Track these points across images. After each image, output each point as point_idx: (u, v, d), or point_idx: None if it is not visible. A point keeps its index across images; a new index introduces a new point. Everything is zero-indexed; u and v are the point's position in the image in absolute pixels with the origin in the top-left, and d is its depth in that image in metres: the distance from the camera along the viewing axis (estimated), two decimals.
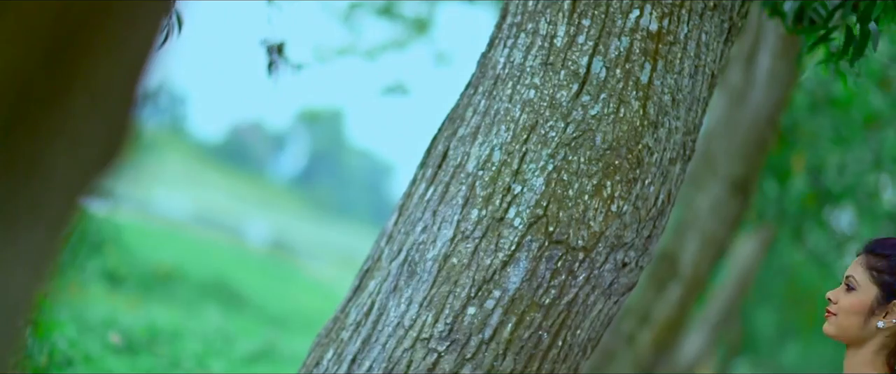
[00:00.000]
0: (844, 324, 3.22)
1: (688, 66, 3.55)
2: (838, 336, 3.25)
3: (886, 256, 3.22)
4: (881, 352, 3.23)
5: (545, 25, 3.54)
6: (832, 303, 3.25)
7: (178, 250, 18.37)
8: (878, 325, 3.21)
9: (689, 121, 3.61)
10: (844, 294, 3.23)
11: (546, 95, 3.50)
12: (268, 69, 4.93)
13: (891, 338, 3.22)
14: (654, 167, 3.52)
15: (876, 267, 3.22)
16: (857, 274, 3.24)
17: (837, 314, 3.22)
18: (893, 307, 3.21)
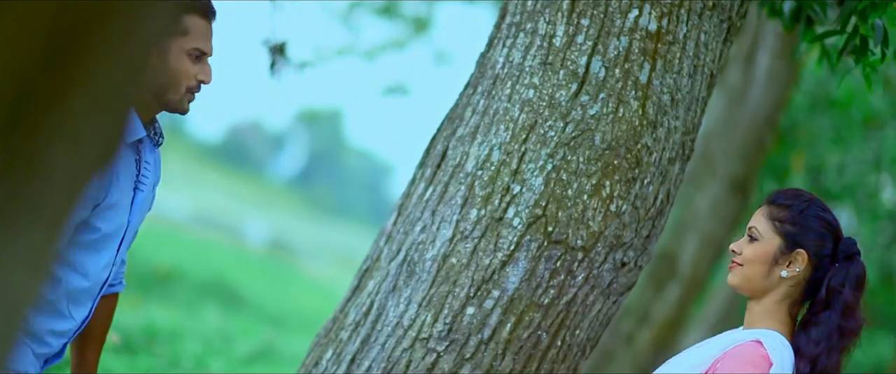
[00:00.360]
0: (749, 274, 3.22)
1: (687, 65, 3.55)
2: (742, 287, 3.24)
3: (788, 206, 3.24)
4: (784, 302, 3.24)
5: (544, 25, 3.54)
6: (736, 254, 3.25)
7: (177, 250, 18.37)
8: (782, 274, 3.22)
9: (687, 120, 3.61)
10: (748, 245, 3.24)
11: (545, 94, 3.50)
12: (270, 69, 4.94)
13: (794, 288, 3.22)
14: (653, 167, 3.52)
15: (778, 217, 3.23)
16: (759, 225, 3.24)
17: (743, 265, 3.23)
18: (796, 257, 3.22)
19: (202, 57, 3.21)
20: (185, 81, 3.20)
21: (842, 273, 3.23)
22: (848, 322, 3.21)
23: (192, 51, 3.18)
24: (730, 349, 3.14)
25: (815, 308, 3.24)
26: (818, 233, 3.24)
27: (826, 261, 3.25)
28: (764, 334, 3.17)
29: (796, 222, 3.24)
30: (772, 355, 3.12)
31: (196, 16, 3.20)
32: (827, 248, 3.25)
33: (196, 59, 3.20)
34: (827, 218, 3.27)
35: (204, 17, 3.22)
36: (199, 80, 3.22)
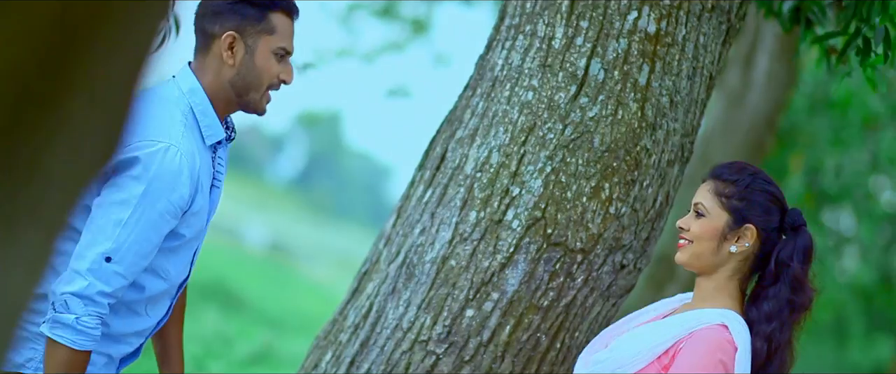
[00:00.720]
0: (698, 251, 3.22)
1: (686, 67, 3.55)
2: (691, 264, 3.24)
3: (733, 181, 3.23)
4: (734, 277, 3.24)
5: (543, 27, 3.54)
6: (684, 231, 3.24)
7: None
8: (731, 250, 3.21)
9: (687, 123, 3.61)
10: (695, 221, 3.23)
11: (544, 96, 3.50)
12: None
13: (742, 263, 3.22)
14: (652, 169, 3.53)
15: (724, 193, 3.22)
16: (705, 201, 3.23)
17: (692, 242, 3.22)
18: (745, 232, 3.21)
19: (285, 56, 3.23)
20: (268, 80, 3.21)
21: (790, 246, 3.22)
22: (798, 296, 3.20)
23: (278, 50, 3.20)
24: (696, 330, 3.12)
25: (764, 282, 3.23)
26: (765, 207, 3.23)
27: (773, 234, 3.24)
28: (726, 315, 3.16)
29: (743, 196, 3.23)
30: (736, 338, 3.11)
31: (282, 14, 3.21)
32: (774, 221, 3.24)
33: (280, 58, 3.21)
34: (772, 191, 3.26)
35: (289, 16, 3.23)
36: (281, 79, 3.23)
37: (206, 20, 3.22)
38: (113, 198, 3.04)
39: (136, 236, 3.04)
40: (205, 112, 3.19)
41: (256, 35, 3.18)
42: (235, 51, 3.18)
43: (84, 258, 3.03)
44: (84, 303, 3.01)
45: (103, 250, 3.02)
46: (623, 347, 3.20)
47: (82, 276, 3.02)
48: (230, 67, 3.19)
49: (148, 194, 3.04)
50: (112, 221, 3.03)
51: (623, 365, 3.17)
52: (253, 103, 3.23)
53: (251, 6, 3.18)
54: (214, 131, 3.20)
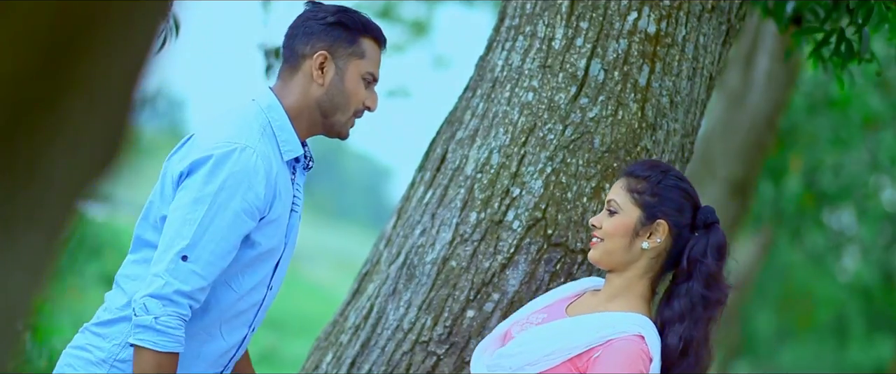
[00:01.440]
0: (610, 248, 3.19)
1: (686, 68, 3.55)
2: (603, 261, 3.22)
3: (645, 177, 3.21)
4: (646, 276, 3.22)
5: (543, 28, 3.54)
6: (597, 229, 3.22)
7: None
8: (643, 246, 3.19)
9: (687, 123, 3.61)
10: (607, 218, 3.22)
11: (544, 97, 3.50)
12: (266, 72, 4.94)
13: (654, 261, 3.21)
14: None
15: (636, 189, 3.20)
16: (618, 197, 3.21)
17: (603, 239, 3.21)
18: (657, 228, 3.19)
19: (372, 83, 3.24)
20: (356, 104, 3.22)
21: (702, 242, 3.20)
22: (712, 292, 3.17)
23: (367, 75, 3.21)
24: (613, 340, 3.08)
25: (677, 279, 3.21)
26: (677, 203, 3.21)
27: (686, 231, 3.22)
28: (643, 325, 3.13)
29: (655, 192, 3.20)
30: (651, 349, 3.09)
31: (373, 41, 3.23)
32: (686, 217, 3.22)
33: (367, 84, 3.22)
34: (685, 187, 3.25)
35: (378, 44, 3.25)
36: (367, 106, 3.24)
37: (298, 40, 3.23)
38: (187, 198, 3.03)
39: (211, 235, 3.02)
40: (282, 128, 3.18)
41: (347, 57, 3.19)
42: (326, 71, 3.19)
43: (161, 260, 3.02)
44: (162, 304, 2.99)
45: (179, 249, 3.00)
46: (533, 343, 3.16)
47: (159, 276, 3.00)
48: (319, 86, 3.20)
49: (222, 191, 3.02)
50: (187, 220, 3.02)
51: (534, 362, 3.12)
52: (337, 126, 3.24)
53: (344, 29, 3.19)
54: (292, 147, 3.19)
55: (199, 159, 3.04)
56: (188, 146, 3.15)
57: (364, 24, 3.21)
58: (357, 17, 3.22)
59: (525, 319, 3.26)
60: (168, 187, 3.12)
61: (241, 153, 3.05)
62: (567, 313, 3.25)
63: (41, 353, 6.03)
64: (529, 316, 3.26)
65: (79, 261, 11.65)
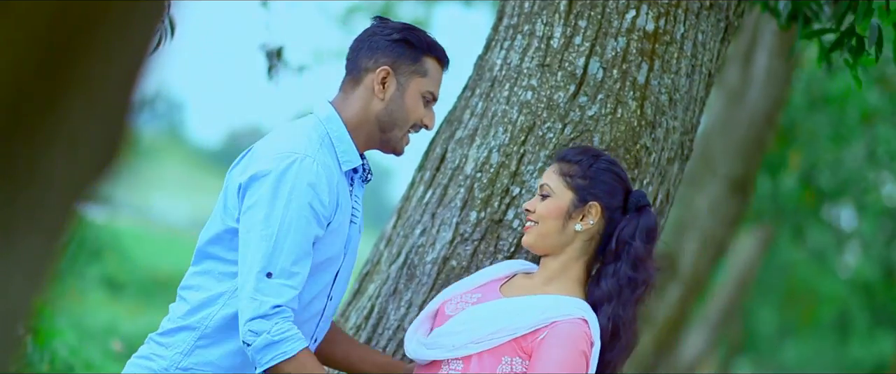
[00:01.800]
0: (544, 231, 3.22)
1: (685, 65, 3.55)
2: (537, 245, 3.25)
3: (577, 162, 3.25)
4: (580, 259, 3.25)
5: (542, 27, 3.54)
6: (530, 213, 3.24)
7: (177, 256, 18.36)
8: (576, 228, 3.22)
9: (686, 120, 3.61)
10: (540, 202, 3.25)
11: (543, 96, 3.50)
12: (268, 73, 4.94)
13: (588, 243, 3.23)
14: (652, 167, 3.52)
15: (569, 173, 3.24)
16: (550, 182, 3.24)
17: (537, 223, 3.23)
18: (589, 209, 3.23)
19: (431, 102, 3.27)
20: (413, 120, 3.25)
21: (632, 225, 3.23)
22: (638, 273, 3.20)
23: (427, 93, 3.24)
24: (558, 322, 3.10)
25: (606, 260, 3.24)
26: (609, 185, 3.24)
27: (617, 214, 3.25)
28: (584, 309, 3.16)
29: (586, 175, 3.24)
30: (593, 334, 3.12)
31: (436, 61, 3.26)
32: (618, 200, 3.25)
33: (426, 102, 3.26)
34: (616, 171, 3.28)
35: (441, 64, 3.28)
36: (424, 123, 3.27)
37: (362, 53, 3.27)
38: (257, 216, 3.07)
39: (289, 247, 3.05)
40: (341, 138, 3.22)
41: (409, 74, 3.23)
42: (387, 86, 3.23)
43: (247, 284, 3.05)
44: (266, 319, 3.03)
45: (260, 268, 3.04)
46: (476, 322, 3.16)
47: (252, 299, 3.04)
48: (379, 101, 3.23)
49: (290, 204, 3.05)
50: (262, 237, 3.05)
51: (478, 340, 3.14)
52: (393, 141, 3.27)
53: (408, 46, 3.23)
54: (350, 157, 3.22)
55: (260, 173, 3.08)
56: (248, 158, 3.19)
57: (429, 43, 3.25)
58: (422, 36, 3.26)
59: (459, 297, 3.27)
60: (231, 200, 3.16)
61: (302, 163, 3.08)
62: (501, 293, 3.27)
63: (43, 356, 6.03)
64: (463, 295, 3.28)
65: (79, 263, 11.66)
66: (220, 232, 3.18)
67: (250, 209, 3.08)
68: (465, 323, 3.17)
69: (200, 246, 3.23)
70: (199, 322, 3.17)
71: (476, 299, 3.25)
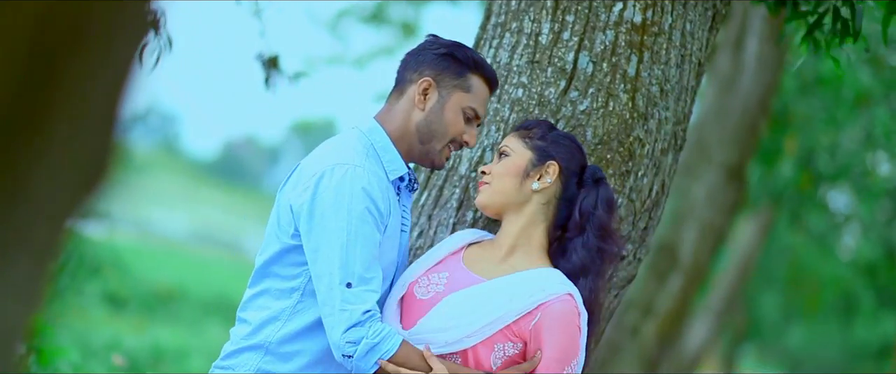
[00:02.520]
0: (498, 188, 3.24)
1: (674, 56, 3.55)
2: (491, 205, 3.25)
3: (537, 126, 3.30)
4: (539, 224, 3.25)
5: (529, 24, 3.54)
6: (486, 174, 3.26)
7: (178, 269, 18.37)
8: (534, 187, 3.24)
9: (678, 110, 3.61)
10: (497, 162, 3.28)
11: (534, 93, 3.50)
12: (265, 83, 4.95)
13: (545, 207, 3.24)
14: (646, 159, 3.52)
15: (528, 135, 3.28)
16: (510, 143, 3.28)
17: (490, 182, 3.25)
18: (548, 168, 3.25)
19: (474, 119, 3.28)
20: (453, 134, 3.26)
21: (592, 195, 3.24)
22: (608, 244, 3.22)
23: (469, 110, 3.25)
24: (545, 303, 3.10)
25: (569, 234, 3.24)
26: (568, 149, 3.27)
27: (573, 181, 3.26)
28: (563, 280, 3.16)
29: (546, 137, 3.27)
30: (580, 305, 3.13)
31: (482, 79, 3.27)
32: (575, 165, 3.27)
33: (468, 119, 3.26)
34: (575, 141, 3.31)
35: (487, 84, 3.29)
36: (464, 140, 3.28)
37: (409, 66, 3.31)
38: (321, 234, 3.09)
39: (358, 253, 3.07)
40: (385, 148, 3.25)
41: (452, 88, 3.25)
42: (429, 97, 3.25)
43: (331, 300, 3.08)
44: (359, 327, 3.05)
45: (339, 281, 3.06)
46: (464, 316, 3.14)
47: (341, 311, 3.05)
48: (420, 111, 3.26)
49: (351, 213, 3.08)
50: (332, 249, 3.07)
51: (471, 334, 3.13)
52: (432, 154, 3.28)
53: (454, 61, 3.25)
54: (396, 166, 3.24)
55: (314, 193, 3.11)
56: (296, 175, 3.23)
57: (476, 61, 3.26)
58: (470, 54, 3.27)
59: (424, 277, 3.26)
60: (284, 218, 3.19)
61: (353, 171, 3.11)
62: (466, 265, 3.25)
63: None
64: (428, 274, 3.26)
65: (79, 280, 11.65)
66: (277, 252, 3.21)
67: (313, 228, 3.10)
68: (454, 317, 3.14)
69: (259, 268, 3.26)
70: (263, 341, 3.19)
71: (445, 280, 3.23)
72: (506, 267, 3.23)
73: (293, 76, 5.00)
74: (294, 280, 3.18)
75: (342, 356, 3.06)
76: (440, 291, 3.20)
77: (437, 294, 3.20)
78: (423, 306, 3.20)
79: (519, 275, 3.18)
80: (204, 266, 21.34)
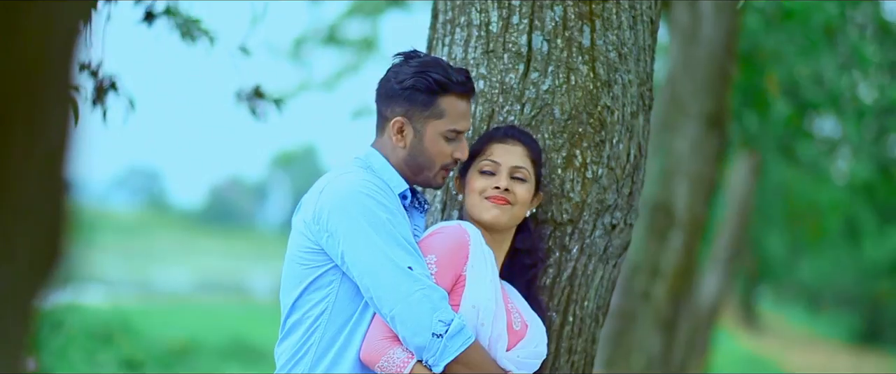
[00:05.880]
0: (518, 214, 3.34)
1: (625, 18, 3.55)
2: (507, 225, 3.33)
3: (533, 146, 3.36)
4: (510, 238, 3.39)
5: (477, 15, 3.54)
6: (508, 192, 3.29)
7: (188, 323, 18.35)
8: (527, 213, 3.38)
9: (640, 71, 3.60)
10: (520, 185, 3.32)
11: (495, 81, 3.50)
12: (253, 114, 4.94)
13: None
14: (618, 125, 3.52)
15: (535, 160, 3.35)
16: (526, 165, 3.33)
17: (514, 205, 3.31)
18: (538, 197, 3.40)
19: (458, 136, 3.27)
20: (440, 161, 3.26)
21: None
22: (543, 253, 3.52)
23: (448, 133, 3.25)
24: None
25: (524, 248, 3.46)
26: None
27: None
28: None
29: (542, 163, 3.41)
30: None
31: (452, 97, 3.25)
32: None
33: (450, 140, 3.26)
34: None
35: (460, 97, 3.26)
36: (455, 158, 3.28)
37: (381, 102, 3.31)
38: (348, 239, 3.11)
39: (396, 240, 3.09)
40: (383, 169, 3.27)
41: (425, 120, 3.24)
42: (405, 135, 3.25)
43: (398, 289, 3.07)
44: (445, 308, 3.07)
45: (403, 267, 3.07)
46: (542, 338, 3.35)
47: (419, 294, 3.06)
48: (401, 149, 3.26)
49: (368, 209, 3.10)
50: (371, 248, 3.08)
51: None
52: (428, 180, 3.31)
53: (419, 92, 3.23)
54: (395, 183, 3.26)
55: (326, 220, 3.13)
56: (303, 201, 3.26)
57: (440, 83, 3.22)
58: (433, 78, 3.23)
59: (510, 304, 3.33)
60: (301, 241, 3.21)
61: (352, 181, 3.15)
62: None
63: None
64: (508, 301, 3.33)
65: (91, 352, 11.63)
66: (296, 281, 3.23)
67: (338, 236, 3.12)
68: (542, 338, 3.35)
69: (284, 302, 3.28)
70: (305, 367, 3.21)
71: (513, 301, 3.35)
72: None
73: (277, 100, 5.00)
74: (317, 306, 3.20)
75: (432, 335, 3.04)
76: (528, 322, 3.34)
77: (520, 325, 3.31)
78: (517, 334, 3.28)
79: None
80: (213, 315, 21.31)
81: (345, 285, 3.17)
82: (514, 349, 3.22)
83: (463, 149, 3.27)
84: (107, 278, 28.34)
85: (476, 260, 3.20)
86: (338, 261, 3.14)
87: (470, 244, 3.20)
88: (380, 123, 3.32)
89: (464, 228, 3.24)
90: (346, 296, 3.18)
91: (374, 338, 3.13)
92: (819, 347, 26.75)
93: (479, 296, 3.15)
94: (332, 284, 3.18)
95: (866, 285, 27.46)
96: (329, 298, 3.19)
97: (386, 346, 3.10)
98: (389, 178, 3.25)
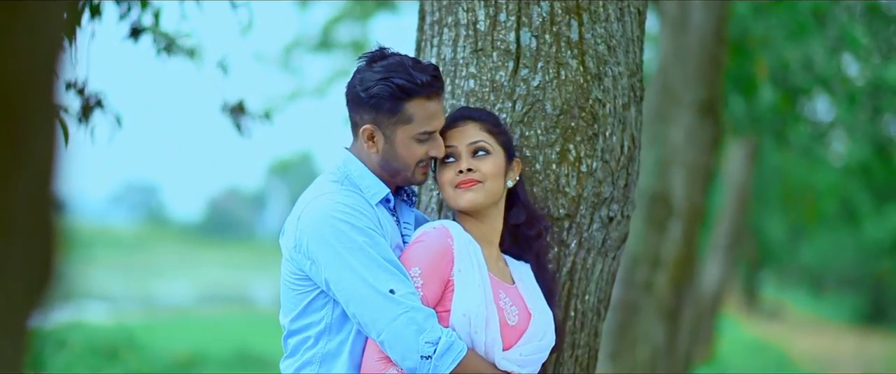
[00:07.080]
0: (491, 188, 3.28)
1: (613, 10, 3.55)
2: (483, 204, 3.28)
3: (489, 119, 3.34)
4: (501, 213, 3.35)
5: (464, 14, 3.54)
6: (472, 172, 3.25)
7: (193, 335, 18.33)
8: (508, 184, 3.34)
9: (629, 63, 3.60)
10: (483, 161, 3.28)
11: (485, 80, 3.50)
12: (238, 130, 4.95)
13: (502, 199, 3.34)
14: (610, 118, 3.52)
15: (493, 130, 3.31)
16: (484, 139, 3.29)
17: (484, 182, 3.27)
18: (515, 165, 3.36)
19: (431, 135, 3.25)
20: (414, 161, 3.25)
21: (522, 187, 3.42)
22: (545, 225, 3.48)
23: (419, 135, 3.23)
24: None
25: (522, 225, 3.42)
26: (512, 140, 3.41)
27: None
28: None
29: (504, 131, 3.35)
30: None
31: (420, 100, 3.22)
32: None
33: (422, 141, 3.24)
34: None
35: (428, 99, 3.23)
36: (431, 156, 3.27)
37: (350, 107, 3.29)
38: (329, 264, 3.10)
39: (375, 263, 3.07)
40: (362, 175, 3.26)
41: (393, 126, 3.22)
42: (376, 141, 3.24)
43: (383, 314, 3.06)
44: (431, 328, 3.06)
45: (380, 291, 3.06)
46: (547, 327, 3.31)
47: (403, 318, 3.05)
48: (375, 154, 3.26)
49: (344, 233, 3.10)
50: (351, 273, 3.08)
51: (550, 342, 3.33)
52: (406, 179, 3.30)
53: (384, 100, 3.20)
54: (375, 190, 3.25)
55: (298, 228, 3.16)
56: (286, 225, 3.26)
57: (403, 88, 3.19)
58: (396, 83, 3.19)
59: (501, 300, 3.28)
60: (288, 265, 3.23)
61: (328, 197, 3.15)
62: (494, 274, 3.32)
63: None
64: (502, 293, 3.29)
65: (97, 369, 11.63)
66: (291, 305, 3.25)
67: (320, 262, 3.12)
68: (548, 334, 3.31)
69: (283, 323, 3.29)
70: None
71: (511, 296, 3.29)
72: (502, 265, 3.35)
73: (263, 116, 5.00)
74: (315, 325, 3.22)
75: (420, 358, 3.04)
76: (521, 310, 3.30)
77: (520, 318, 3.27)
78: (511, 329, 3.24)
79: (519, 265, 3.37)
80: (217, 326, 21.29)
81: (339, 305, 3.17)
82: (515, 347, 3.19)
83: (438, 146, 3.26)
84: (109, 295, 28.32)
85: (462, 263, 3.17)
86: (324, 287, 3.15)
87: (454, 248, 3.17)
88: (352, 127, 3.31)
89: (446, 229, 3.20)
90: (342, 314, 3.19)
91: (371, 359, 3.13)
92: (824, 329, 26.76)
93: (469, 303, 3.12)
94: (325, 306, 3.20)
95: (868, 265, 27.49)
96: (325, 319, 3.20)
97: (381, 367, 3.09)
98: (368, 185, 3.24)
